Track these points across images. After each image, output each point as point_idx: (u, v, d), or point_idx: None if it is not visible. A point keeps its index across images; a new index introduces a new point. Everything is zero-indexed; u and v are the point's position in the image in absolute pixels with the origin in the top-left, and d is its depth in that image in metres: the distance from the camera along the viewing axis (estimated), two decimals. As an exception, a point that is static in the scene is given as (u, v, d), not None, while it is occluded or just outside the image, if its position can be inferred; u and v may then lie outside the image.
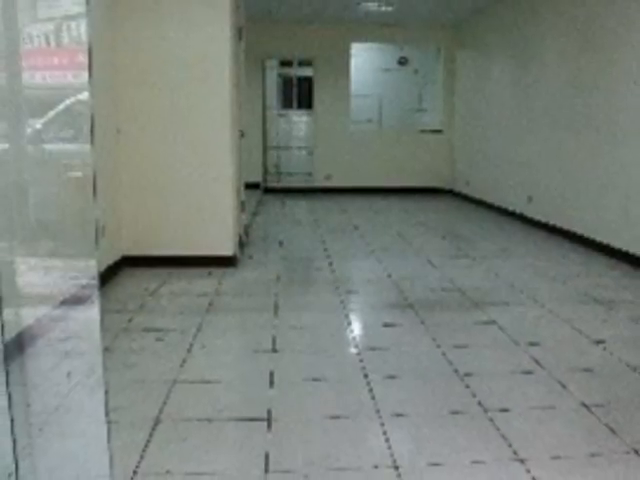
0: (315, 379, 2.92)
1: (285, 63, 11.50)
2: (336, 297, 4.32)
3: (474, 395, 2.73)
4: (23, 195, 2.93)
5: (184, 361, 3.11)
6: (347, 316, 3.92)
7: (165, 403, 2.64)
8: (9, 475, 1.66)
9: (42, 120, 3.42)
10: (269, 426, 2.45)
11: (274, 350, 3.29)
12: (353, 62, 10.61)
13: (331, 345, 3.41)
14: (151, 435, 2.37)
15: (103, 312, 3.67)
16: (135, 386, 2.82)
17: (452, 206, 9.39)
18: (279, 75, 11.72)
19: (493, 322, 3.76)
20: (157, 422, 2.47)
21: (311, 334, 3.58)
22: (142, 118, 4.95)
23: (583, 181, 6.11)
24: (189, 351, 3.25)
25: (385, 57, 12.02)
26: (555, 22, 6.70)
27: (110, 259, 4.74)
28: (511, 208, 7.97)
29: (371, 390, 2.79)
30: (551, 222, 6.79)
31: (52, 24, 3.39)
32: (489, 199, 8.82)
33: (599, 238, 5.76)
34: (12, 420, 1.58)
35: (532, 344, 3.38)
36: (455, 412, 2.58)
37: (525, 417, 2.54)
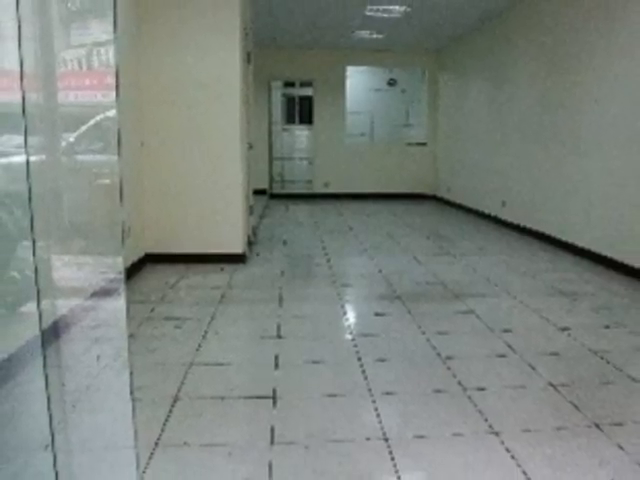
0: (315, 362, 2.92)
1: (288, 84, 11.49)
2: (333, 290, 4.32)
3: (454, 376, 2.74)
4: (58, 200, 2.92)
5: (199, 346, 3.11)
6: (343, 306, 3.92)
7: (183, 383, 2.64)
8: (46, 446, 1.66)
9: (75, 134, 3.41)
10: (274, 403, 2.46)
11: (279, 336, 3.29)
12: (348, 83, 10.62)
13: (329, 332, 3.41)
14: (170, 411, 2.37)
15: (128, 303, 3.68)
16: (156, 368, 2.82)
17: (435, 210, 9.39)
18: (283, 94, 11.70)
19: (471, 311, 3.76)
20: (176, 400, 2.47)
21: (311, 322, 3.58)
22: (163, 132, 4.95)
23: (550, 188, 6.12)
24: (204, 337, 3.25)
25: (376, 78, 12.02)
26: (526, 48, 6.70)
27: (135, 256, 4.74)
28: (487, 211, 7.97)
29: (364, 371, 2.79)
30: (522, 224, 6.79)
31: (84, 50, 3.38)
32: (468, 203, 8.82)
33: (564, 238, 5.77)
34: (48, 398, 1.58)
35: (505, 331, 3.38)
36: (438, 391, 2.59)
37: (499, 395, 2.54)
